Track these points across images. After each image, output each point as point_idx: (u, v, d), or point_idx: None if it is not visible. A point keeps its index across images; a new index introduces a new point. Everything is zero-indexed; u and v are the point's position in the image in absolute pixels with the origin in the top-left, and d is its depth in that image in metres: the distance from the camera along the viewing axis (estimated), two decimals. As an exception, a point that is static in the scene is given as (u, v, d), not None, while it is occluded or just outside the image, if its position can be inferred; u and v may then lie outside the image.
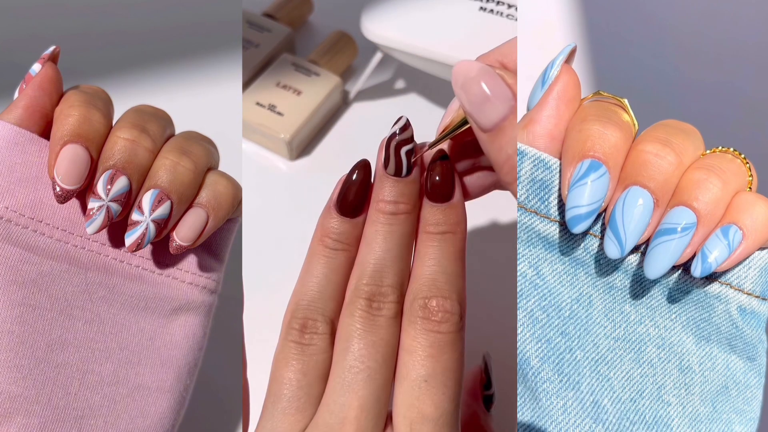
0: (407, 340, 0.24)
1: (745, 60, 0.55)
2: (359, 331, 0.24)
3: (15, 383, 0.26)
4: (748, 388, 0.27)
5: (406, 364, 0.24)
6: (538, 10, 0.57)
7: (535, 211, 0.26)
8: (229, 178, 0.29)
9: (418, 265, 0.25)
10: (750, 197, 0.25)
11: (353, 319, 0.25)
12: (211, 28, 0.56)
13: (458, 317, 0.24)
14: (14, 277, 0.26)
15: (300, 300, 0.26)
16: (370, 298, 0.25)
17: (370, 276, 0.25)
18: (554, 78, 0.26)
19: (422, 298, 0.24)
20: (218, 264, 0.31)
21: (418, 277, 0.25)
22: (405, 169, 0.25)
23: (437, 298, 0.24)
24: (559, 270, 0.27)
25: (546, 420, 0.26)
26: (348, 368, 0.24)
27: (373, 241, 0.25)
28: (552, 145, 0.26)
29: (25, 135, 0.26)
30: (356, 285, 0.25)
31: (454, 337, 0.24)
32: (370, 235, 0.26)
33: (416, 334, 0.24)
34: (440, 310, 0.24)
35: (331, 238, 0.26)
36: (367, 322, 0.24)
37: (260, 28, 0.55)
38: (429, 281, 0.25)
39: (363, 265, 0.25)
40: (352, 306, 0.25)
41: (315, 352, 0.25)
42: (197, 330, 0.31)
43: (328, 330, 0.25)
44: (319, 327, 0.25)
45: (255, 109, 0.49)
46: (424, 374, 0.24)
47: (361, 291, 0.25)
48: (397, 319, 0.25)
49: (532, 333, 0.26)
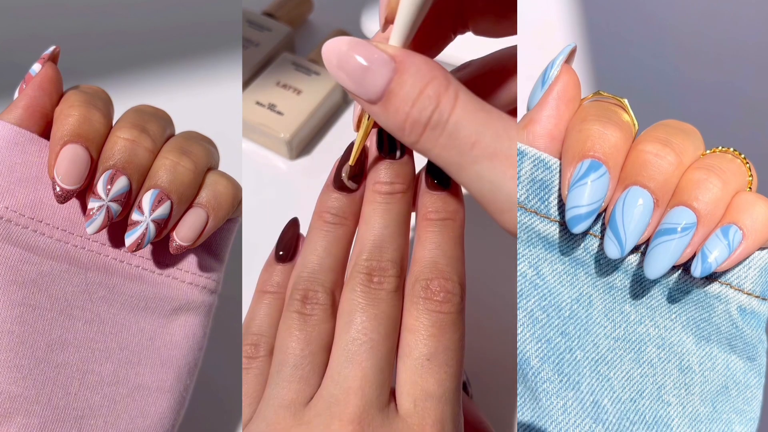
0: (409, 320, 0.25)
1: (745, 60, 0.55)
2: (362, 304, 0.25)
3: (15, 383, 0.26)
4: (748, 388, 0.27)
5: (409, 343, 0.25)
6: (538, 10, 0.57)
7: (535, 211, 0.26)
8: (229, 178, 0.29)
9: (418, 249, 0.26)
10: (750, 197, 0.25)
11: (355, 294, 0.25)
12: (211, 28, 0.56)
13: (459, 298, 0.25)
14: (14, 277, 0.26)
15: (301, 272, 0.26)
16: (371, 272, 0.25)
17: (370, 251, 0.25)
18: (554, 78, 0.26)
19: (424, 279, 0.25)
20: (218, 264, 0.31)
21: (419, 260, 0.26)
22: (398, 151, 0.26)
23: (439, 279, 0.25)
24: (559, 270, 0.27)
25: (546, 420, 0.26)
26: (351, 340, 0.25)
27: (371, 218, 0.26)
28: (552, 145, 0.26)
29: (25, 135, 0.26)
30: (356, 261, 0.26)
31: (455, 318, 0.25)
32: (368, 213, 0.26)
33: (418, 314, 0.25)
34: (442, 291, 0.25)
35: (330, 213, 0.26)
36: (369, 296, 0.25)
37: (260, 27, 0.55)
38: (430, 263, 0.25)
39: (362, 241, 0.26)
40: (353, 281, 0.25)
41: (317, 322, 0.25)
42: (197, 330, 0.31)
43: (329, 301, 0.26)
44: (320, 298, 0.25)
45: (255, 109, 0.49)
46: (427, 353, 0.24)
47: (361, 266, 0.25)
48: (398, 293, 0.25)
49: (532, 333, 0.26)
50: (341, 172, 0.26)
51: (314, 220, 0.27)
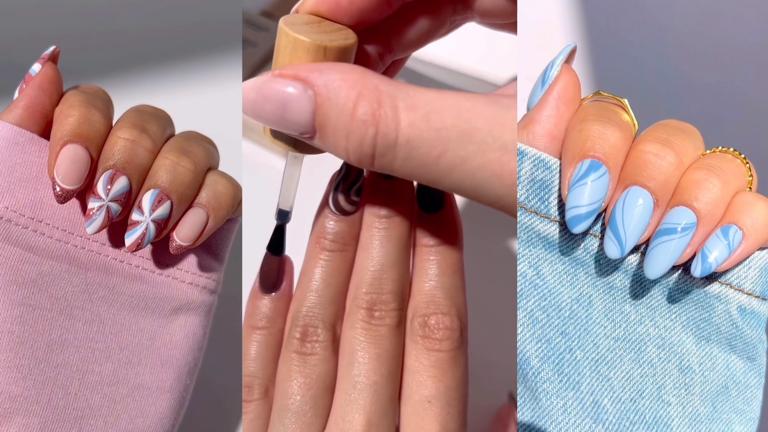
0: (410, 361, 0.24)
1: (745, 60, 0.55)
2: (363, 343, 0.24)
3: (15, 383, 0.26)
4: (748, 388, 0.27)
5: (410, 385, 0.24)
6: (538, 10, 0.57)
7: (535, 211, 0.26)
8: (229, 178, 0.29)
9: (416, 280, 0.25)
10: (750, 197, 0.25)
11: (356, 332, 0.24)
12: (211, 28, 0.55)
13: (458, 333, 0.24)
14: (14, 277, 0.26)
15: (299, 307, 0.25)
16: (371, 307, 0.24)
17: (369, 284, 0.25)
18: (554, 78, 0.26)
19: (421, 315, 0.24)
20: (218, 264, 0.31)
21: (416, 293, 0.25)
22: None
23: (436, 315, 0.24)
24: (559, 270, 0.27)
25: (546, 420, 0.26)
26: (353, 384, 0.24)
27: (369, 245, 0.25)
28: (552, 145, 0.26)
29: (25, 135, 0.26)
30: (356, 294, 0.25)
31: (455, 354, 0.24)
32: (366, 240, 0.25)
33: (418, 353, 0.24)
34: (440, 328, 0.24)
35: (328, 239, 0.25)
36: (370, 334, 0.24)
37: (258, 27, 0.55)
38: (427, 298, 0.25)
39: (361, 272, 0.25)
40: (353, 317, 0.25)
41: (317, 362, 0.25)
42: (197, 330, 0.31)
43: (330, 337, 0.25)
44: (320, 334, 0.25)
45: (255, 109, 0.49)
46: (428, 395, 0.24)
47: (361, 300, 0.25)
48: (400, 327, 0.25)
49: (532, 333, 0.26)
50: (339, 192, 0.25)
51: (311, 246, 0.26)
